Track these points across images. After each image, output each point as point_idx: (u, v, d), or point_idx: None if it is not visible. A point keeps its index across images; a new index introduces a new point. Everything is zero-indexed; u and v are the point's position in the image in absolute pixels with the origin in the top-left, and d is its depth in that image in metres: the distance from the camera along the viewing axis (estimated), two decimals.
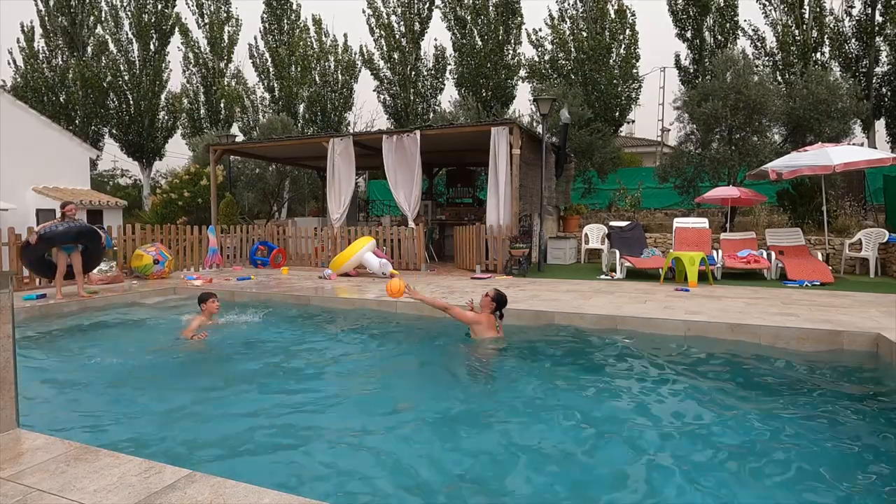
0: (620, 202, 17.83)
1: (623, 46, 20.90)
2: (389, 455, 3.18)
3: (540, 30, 21.70)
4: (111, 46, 26.17)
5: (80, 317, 7.12)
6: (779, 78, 18.89)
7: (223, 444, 3.33)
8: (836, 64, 18.94)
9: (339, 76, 25.76)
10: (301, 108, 25.65)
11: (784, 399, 4.06)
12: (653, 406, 4.00)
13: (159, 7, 26.04)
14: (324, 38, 25.85)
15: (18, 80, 26.85)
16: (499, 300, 5.44)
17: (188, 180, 17.94)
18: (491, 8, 22.39)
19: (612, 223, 12.64)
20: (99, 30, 26.49)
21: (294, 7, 26.11)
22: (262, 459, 3.15)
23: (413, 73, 23.99)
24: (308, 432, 3.54)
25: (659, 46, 25.88)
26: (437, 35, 37.04)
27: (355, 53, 25.51)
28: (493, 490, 2.87)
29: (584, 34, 20.88)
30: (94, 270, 9.29)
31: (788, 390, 4.25)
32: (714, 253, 10.19)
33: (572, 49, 21.07)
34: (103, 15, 26.15)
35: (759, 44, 19.86)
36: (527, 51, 48.25)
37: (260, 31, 26.05)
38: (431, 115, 23.58)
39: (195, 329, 5.86)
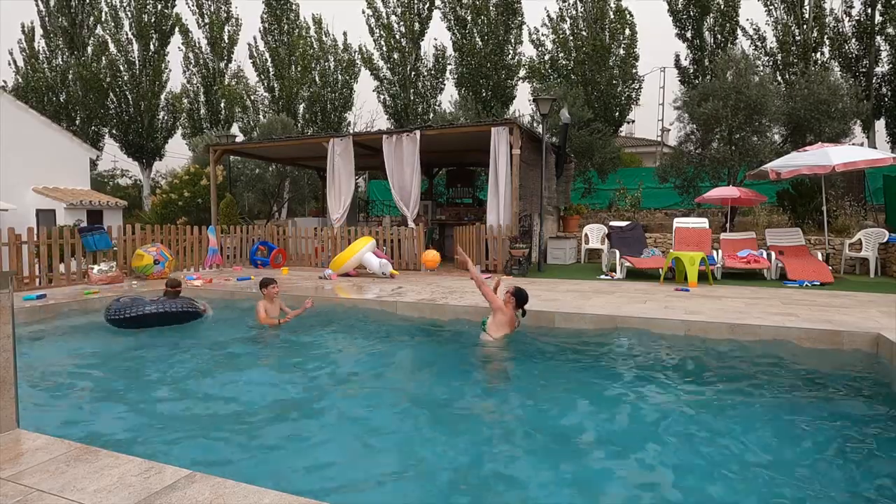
0: (620, 202, 17.81)
1: (623, 46, 20.91)
2: (388, 454, 3.18)
3: (541, 27, 21.76)
4: (111, 46, 26.16)
5: (81, 317, 7.12)
6: (779, 78, 18.89)
7: (223, 443, 3.33)
8: (836, 64, 18.94)
9: (339, 76, 25.76)
10: (301, 108, 25.65)
11: (784, 399, 4.07)
12: (651, 406, 4.00)
13: (159, 7, 26.04)
14: (324, 38, 25.85)
15: (19, 80, 26.84)
16: (518, 296, 5.47)
17: (188, 180, 17.92)
18: (491, 8, 22.39)
19: (612, 223, 12.63)
20: (99, 30, 26.50)
21: (294, 7, 26.11)
22: (262, 460, 3.15)
23: (413, 73, 23.99)
24: (308, 430, 3.55)
25: (659, 46, 25.85)
26: (437, 35, 37.08)
27: (355, 52, 25.53)
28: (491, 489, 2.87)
29: (585, 34, 20.87)
30: (95, 270, 9.30)
31: (788, 390, 4.25)
32: (714, 253, 10.19)
33: (572, 49, 21.07)
34: (103, 15, 26.16)
35: (759, 44, 19.87)
36: (527, 51, 48.34)
37: (260, 31, 26.06)
38: (431, 115, 23.57)
39: (267, 314, 6.23)
